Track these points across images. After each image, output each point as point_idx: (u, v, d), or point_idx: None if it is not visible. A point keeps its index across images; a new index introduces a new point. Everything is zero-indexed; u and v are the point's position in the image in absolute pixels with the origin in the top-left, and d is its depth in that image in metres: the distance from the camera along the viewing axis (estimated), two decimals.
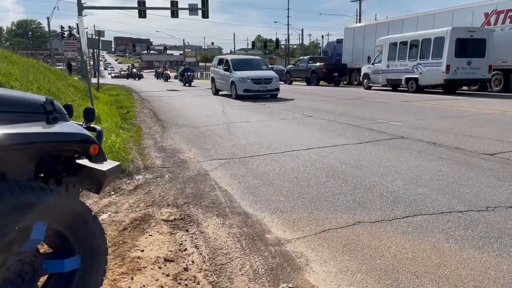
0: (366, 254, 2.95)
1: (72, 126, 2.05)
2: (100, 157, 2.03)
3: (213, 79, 20.45)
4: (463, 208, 3.79)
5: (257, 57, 23.47)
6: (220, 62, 19.53)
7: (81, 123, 2.35)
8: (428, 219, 3.54)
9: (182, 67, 39.23)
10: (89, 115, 2.40)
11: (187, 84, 30.92)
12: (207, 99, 18.00)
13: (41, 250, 2.02)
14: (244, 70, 17.21)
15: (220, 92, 19.52)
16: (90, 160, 2.02)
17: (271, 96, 17.07)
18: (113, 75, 79.13)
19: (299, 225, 3.52)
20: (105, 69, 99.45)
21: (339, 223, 3.52)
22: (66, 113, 2.23)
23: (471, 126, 8.32)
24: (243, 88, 16.46)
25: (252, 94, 16.49)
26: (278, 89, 17.04)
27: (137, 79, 46.72)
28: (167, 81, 41.16)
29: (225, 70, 18.22)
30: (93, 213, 2.03)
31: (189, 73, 32.16)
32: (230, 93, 17.79)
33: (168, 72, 45.82)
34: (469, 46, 17.39)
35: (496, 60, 17.88)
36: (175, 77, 43.12)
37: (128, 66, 55.26)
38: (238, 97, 16.67)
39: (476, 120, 9.04)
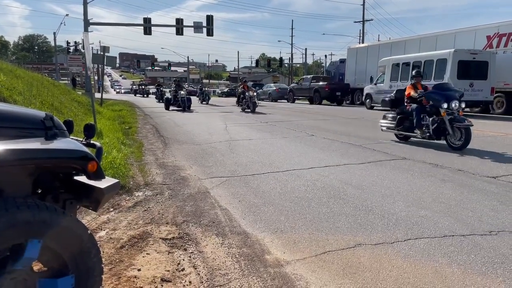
0: (366, 277, 2.89)
1: (71, 143, 2.04)
2: (98, 175, 2.00)
3: None
4: (466, 231, 3.73)
5: None
6: None
7: (81, 139, 2.34)
8: (430, 243, 3.49)
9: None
10: (89, 131, 2.38)
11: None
12: (210, 116, 17.95)
13: (35, 268, 1.98)
14: None
15: None
16: (88, 177, 2.00)
17: None
18: (123, 91, 78.29)
19: (299, 246, 3.47)
20: (112, 87, 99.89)
21: (340, 245, 3.47)
22: (65, 129, 2.21)
23: (474, 148, 8.28)
24: None
25: None
26: None
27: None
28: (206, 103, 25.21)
29: None
30: (89, 232, 2.00)
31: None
32: None
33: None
34: (471, 68, 17.48)
35: (499, 82, 17.96)
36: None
37: (158, 84, 38.75)
38: None
39: (478, 142, 8.99)
